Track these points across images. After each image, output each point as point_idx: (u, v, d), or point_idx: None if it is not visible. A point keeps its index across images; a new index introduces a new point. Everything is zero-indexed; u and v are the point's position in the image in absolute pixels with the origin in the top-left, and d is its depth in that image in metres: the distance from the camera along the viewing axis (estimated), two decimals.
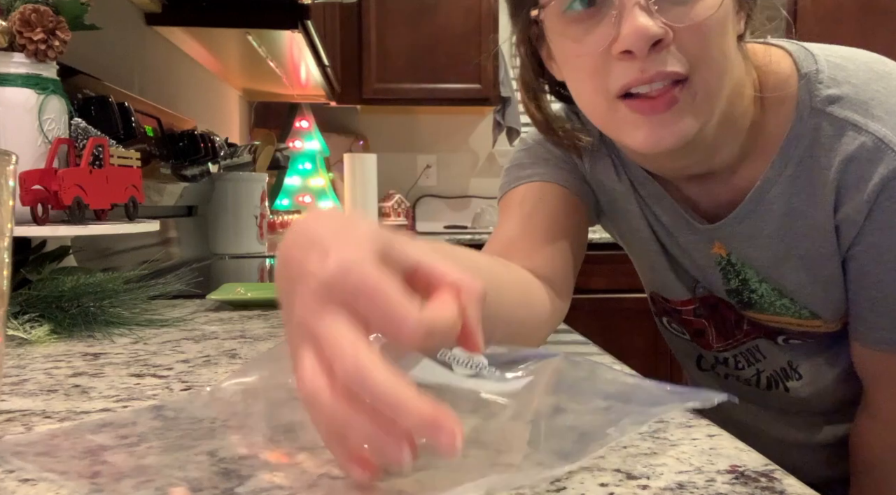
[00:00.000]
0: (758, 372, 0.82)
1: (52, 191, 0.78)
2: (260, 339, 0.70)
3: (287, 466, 0.34)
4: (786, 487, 0.33)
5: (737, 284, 0.75)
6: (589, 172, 0.78)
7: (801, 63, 0.66)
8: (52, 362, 0.59)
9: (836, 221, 0.66)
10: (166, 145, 1.53)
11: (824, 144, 0.65)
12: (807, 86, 0.65)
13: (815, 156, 0.65)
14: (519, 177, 0.76)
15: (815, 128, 0.65)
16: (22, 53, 0.79)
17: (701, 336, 0.84)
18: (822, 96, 0.64)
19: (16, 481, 0.33)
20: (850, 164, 0.63)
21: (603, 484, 0.33)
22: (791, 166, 0.66)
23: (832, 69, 0.65)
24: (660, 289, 0.84)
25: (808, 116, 0.65)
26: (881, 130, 0.62)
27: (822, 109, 0.64)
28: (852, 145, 0.63)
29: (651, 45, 0.56)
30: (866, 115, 0.63)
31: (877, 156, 0.62)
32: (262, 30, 1.79)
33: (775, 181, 0.67)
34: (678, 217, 0.74)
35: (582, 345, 0.69)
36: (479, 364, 0.45)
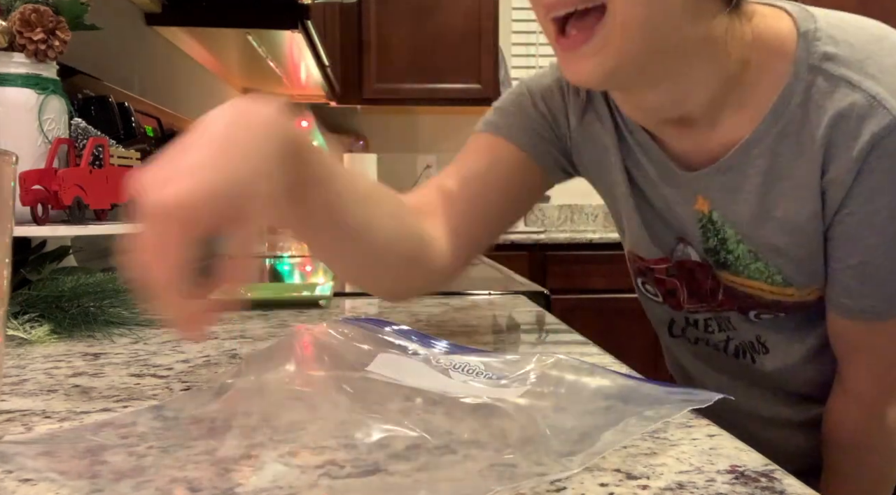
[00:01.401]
0: (728, 338, 0.82)
1: (52, 191, 0.78)
2: (260, 339, 0.70)
3: (287, 466, 0.34)
4: (786, 487, 0.33)
5: (715, 243, 0.75)
6: (575, 127, 0.80)
7: (800, 22, 0.66)
8: (52, 362, 0.59)
9: (823, 184, 0.65)
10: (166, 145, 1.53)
11: (816, 101, 0.64)
12: (805, 43, 0.65)
13: (806, 113, 0.65)
14: (495, 125, 0.81)
15: (809, 84, 0.65)
16: (22, 53, 0.79)
17: (672, 296, 0.84)
18: (820, 53, 0.64)
19: (16, 481, 0.33)
20: (840, 121, 0.63)
21: (603, 484, 0.33)
22: (781, 123, 0.66)
23: (830, 28, 0.65)
24: (635, 247, 0.84)
25: (803, 73, 0.65)
26: (874, 88, 0.62)
27: (819, 66, 0.64)
28: (844, 102, 0.63)
29: None
30: (861, 73, 0.63)
31: (868, 113, 0.62)
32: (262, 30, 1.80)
33: (762, 137, 0.67)
34: (663, 166, 0.75)
35: (582, 345, 0.69)
36: (476, 370, 0.45)
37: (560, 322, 0.82)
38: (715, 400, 0.42)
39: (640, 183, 0.78)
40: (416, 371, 0.44)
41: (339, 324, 0.50)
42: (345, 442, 0.37)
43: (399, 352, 0.48)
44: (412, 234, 0.68)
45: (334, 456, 0.35)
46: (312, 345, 0.47)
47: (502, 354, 0.50)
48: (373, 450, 0.36)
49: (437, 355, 0.47)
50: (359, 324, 0.50)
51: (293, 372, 0.44)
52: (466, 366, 0.45)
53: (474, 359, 0.47)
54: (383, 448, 0.36)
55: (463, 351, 0.50)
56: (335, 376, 0.42)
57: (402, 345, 0.49)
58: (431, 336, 0.52)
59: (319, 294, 0.92)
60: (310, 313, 0.85)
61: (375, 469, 0.34)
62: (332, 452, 0.36)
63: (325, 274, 1.37)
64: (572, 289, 2.84)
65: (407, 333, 0.51)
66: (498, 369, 0.45)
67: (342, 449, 0.36)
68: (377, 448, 0.36)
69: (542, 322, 0.83)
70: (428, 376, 0.44)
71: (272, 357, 0.45)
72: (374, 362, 0.45)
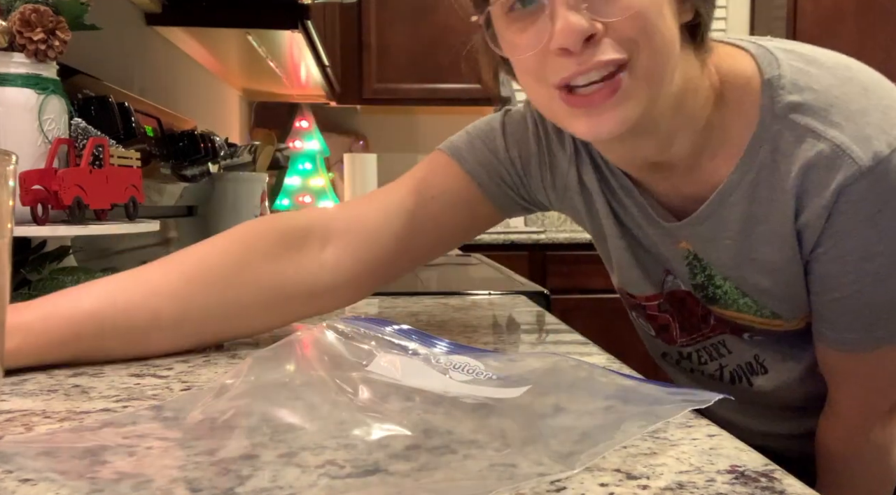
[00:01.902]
0: (721, 367, 0.83)
1: (52, 191, 0.78)
2: (260, 339, 0.70)
3: (287, 466, 0.34)
4: (786, 487, 0.33)
5: (702, 279, 0.76)
6: (552, 174, 0.80)
7: (763, 67, 0.67)
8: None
9: (798, 226, 0.67)
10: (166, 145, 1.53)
11: (784, 151, 0.65)
12: (769, 91, 0.66)
13: (775, 162, 0.66)
14: (460, 153, 0.79)
15: (776, 134, 0.65)
16: (22, 53, 0.79)
17: (665, 331, 0.85)
18: (784, 103, 0.65)
19: (16, 481, 0.33)
20: (809, 171, 0.64)
21: (603, 484, 0.33)
22: (752, 172, 0.67)
23: (794, 74, 0.66)
24: (625, 285, 0.85)
25: (769, 122, 0.66)
26: (839, 137, 0.63)
27: (784, 116, 0.65)
28: (811, 152, 0.64)
29: (584, 39, 0.58)
30: (825, 122, 0.63)
31: (835, 163, 0.63)
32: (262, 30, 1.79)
33: (737, 185, 0.68)
34: (645, 211, 0.76)
35: (582, 345, 0.69)
36: (475, 370, 0.45)
37: (560, 322, 0.82)
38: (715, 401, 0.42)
39: (626, 222, 0.79)
40: (416, 371, 0.45)
41: (339, 324, 0.50)
42: (345, 442, 0.37)
43: (399, 352, 0.48)
44: (268, 283, 0.69)
45: (334, 456, 0.35)
46: (312, 345, 0.47)
47: (502, 354, 0.50)
48: (373, 450, 0.36)
49: (437, 355, 0.47)
50: (359, 324, 0.50)
51: (293, 372, 0.44)
52: (466, 366, 0.45)
53: (474, 359, 0.47)
54: (383, 448, 0.36)
55: (463, 351, 0.50)
56: (335, 376, 0.42)
57: (403, 345, 0.49)
58: (432, 335, 0.52)
59: None
60: None
61: (375, 469, 0.34)
62: (332, 452, 0.36)
63: None
64: (572, 289, 2.84)
65: (407, 333, 0.51)
66: (498, 369, 0.45)
67: (342, 449, 0.36)
68: (377, 448, 0.36)
69: (542, 322, 0.83)
70: (428, 376, 0.44)
71: (272, 357, 0.45)
72: (374, 362, 0.45)
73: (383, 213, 0.77)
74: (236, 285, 0.67)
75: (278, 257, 0.70)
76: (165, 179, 1.55)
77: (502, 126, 0.80)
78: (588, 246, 0.83)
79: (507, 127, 0.80)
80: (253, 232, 0.73)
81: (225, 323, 0.67)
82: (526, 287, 1.12)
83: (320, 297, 0.73)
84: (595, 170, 0.78)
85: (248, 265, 0.69)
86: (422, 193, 0.78)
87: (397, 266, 0.78)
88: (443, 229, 0.79)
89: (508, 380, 0.43)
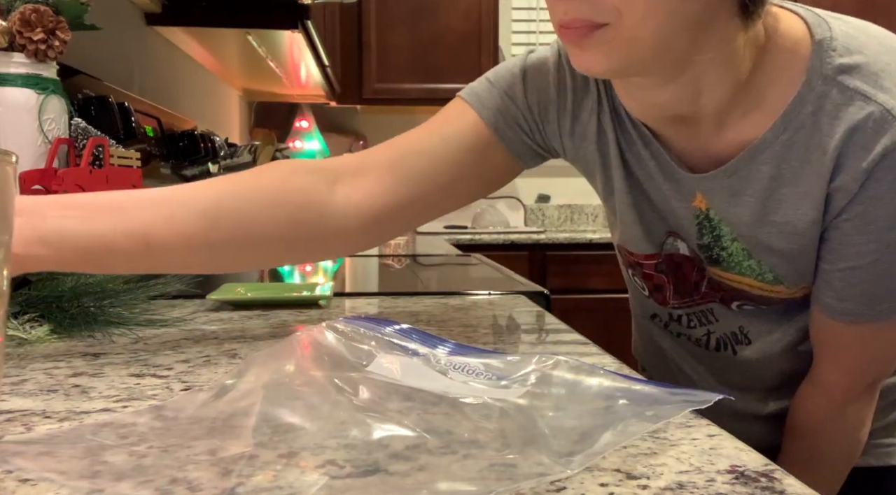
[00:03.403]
0: (708, 333, 0.84)
1: (52, 191, 0.78)
2: (260, 339, 0.70)
3: (287, 466, 0.34)
4: (786, 487, 0.33)
5: (709, 240, 0.76)
6: (570, 118, 0.80)
7: (814, 29, 0.67)
8: (52, 362, 0.59)
9: (830, 189, 0.66)
10: (166, 145, 1.53)
11: (829, 112, 0.65)
12: (819, 52, 0.66)
13: (817, 122, 0.66)
14: (479, 99, 0.80)
15: (821, 95, 0.65)
16: (22, 53, 0.79)
17: (659, 291, 0.85)
18: (835, 65, 0.65)
19: (16, 481, 0.33)
20: (854, 133, 0.64)
21: (603, 484, 0.33)
22: (790, 131, 0.67)
23: (845, 38, 0.66)
24: (626, 242, 0.85)
25: (816, 83, 0.66)
26: (889, 102, 0.63)
27: (833, 77, 0.65)
28: (860, 114, 0.64)
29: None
30: (876, 86, 0.64)
31: (882, 127, 0.63)
32: (262, 30, 1.80)
33: (770, 143, 0.68)
34: (664, 162, 0.75)
35: (582, 344, 0.69)
36: (476, 370, 0.45)
37: (560, 322, 0.82)
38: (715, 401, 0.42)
39: (638, 175, 0.78)
40: (416, 371, 0.45)
41: (339, 324, 0.50)
42: (345, 442, 0.37)
43: (399, 352, 0.48)
44: (286, 213, 0.72)
45: (334, 456, 0.35)
46: (312, 345, 0.47)
47: (502, 354, 0.50)
48: (373, 450, 0.36)
49: (437, 355, 0.47)
50: (359, 324, 0.50)
51: (293, 372, 0.44)
52: (466, 366, 0.45)
53: (474, 359, 0.47)
54: (383, 448, 0.36)
55: (463, 351, 0.50)
56: (335, 376, 0.42)
57: (403, 345, 0.49)
58: (432, 335, 0.52)
59: (319, 294, 0.92)
60: (310, 313, 0.85)
61: (375, 469, 0.34)
62: (332, 452, 0.36)
63: (325, 274, 1.37)
64: (572, 289, 2.85)
65: (407, 333, 0.51)
66: (498, 369, 0.45)
67: (342, 449, 0.36)
68: (377, 448, 0.36)
69: (542, 322, 0.83)
70: (428, 376, 0.44)
71: (272, 357, 0.45)
72: (374, 362, 0.45)
73: (397, 152, 0.78)
74: (267, 222, 0.71)
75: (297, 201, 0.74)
76: (165, 179, 1.55)
77: (522, 72, 0.80)
78: (588, 246, 0.84)
79: (527, 73, 0.80)
80: (277, 174, 0.76)
81: (248, 252, 0.72)
82: (526, 287, 1.12)
83: (333, 239, 0.76)
84: (615, 119, 0.78)
85: (280, 206, 0.72)
86: (435, 134, 0.79)
87: (413, 209, 0.78)
88: (457, 172, 0.79)
89: (508, 381, 0.43)
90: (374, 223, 0.76)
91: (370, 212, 0.76)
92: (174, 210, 0.67)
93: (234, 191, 0.71)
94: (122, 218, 0.65)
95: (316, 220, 0.73)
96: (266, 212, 0.71)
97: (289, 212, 0.72)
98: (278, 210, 0.72)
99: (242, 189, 0.72)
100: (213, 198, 0.70)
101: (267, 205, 0.71)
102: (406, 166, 0.77)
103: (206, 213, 0.68)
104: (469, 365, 0.46)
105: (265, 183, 0.74)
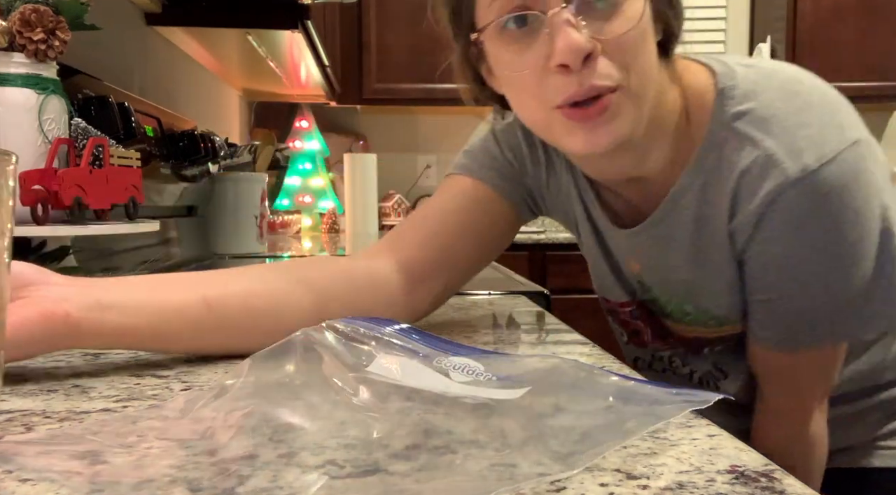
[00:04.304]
0: (691, 371, 0.88)
1: (52, 191, 0.78)
2: None
3: (287, 466, 0.34)
4: (786, 487, 0.33)
5: (652, 296, 0.82)
6: (541, 178, 0.84)
7: (719, 79, 0.71)
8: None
9: (731, 229, 0.71)
10: (166, 145, 1.53)
11: (727, 157, 0.69)
12: (720, 100, 0.70)
13: (720, 167, 0.70)
14: (468, 168, 0.83)
15: (722, 141, 0.69)
16: (22, 53, 0.79)
17: (637, 336, 0.90)
18: (732, 112, 0.69)
19: (16, 481, 0.33)
20: (744, 177, 0.68)
21: (603, 484, 0.33)
22: (703, 175, 0.71)
23: (746, 85, 0.70)
24: (600, 289, 0.90)
25: (718, 129, 0.70)
26: (773, 147, 0.66)
27: (730, 124, 0.69)
28: (748, 159, 0.67)
29: (583, 58, 0.61)
30: (763, 131, 0.67)
31: (766, 171, 0.66)
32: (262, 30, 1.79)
33: (689, 188, 0.72)
34: (607, 222, 0.81)
35: (582, 345, 0.69)
36: (476, 370, 0.45)
37: (560, 322, 0.82)
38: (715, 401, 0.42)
39: (600, 228, 0.84)
40: (416, 371, 0.44)
41: (338, 324, 0.50)
42: (345, 442, 0.37)
43: (399, 352, 0.48)
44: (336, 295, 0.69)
45: (334, 456, 0.35)
46: (312, 345, 0.47)
47: (503, 355, 0.50)
48: (373, 450, 0.36)
49: (437, 356, 0.47)
50: (359, 324, 0.50)
51: (293, 372, 0.44)
52: (466, 366, 0.45)
53: (474, 359, 0.47)
54: (383, 448, 0.36)
55: (463, 351, 0.50)
56: (335, 376, 0.42)
57: (403, 346, 0.49)
58: (432, 335, 0.52)
59: None
60: None
61: (375, 469, 0.34)
62: (332, 452, 0.36)
63: None
64: (572, 289, 2.84)
65: (407, 333, 0.51)
66: (498, 370, 0.45)
67: (342, 449, 0.36)
68: (377, 448, 0.36)
69: (542, 322, 0.83)
70: (428, 376, 0.44)
71: (272, 357, 0.45)
72: (374, 362, 0.45)
73: (416, 242, 0.78)
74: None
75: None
76: (165, 179, 1.55)
77: (493, 136, 0.85)
78: None
79: (497, 136, 0.85)
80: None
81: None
82: (526, 287, 1.12)
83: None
84: (573, 179, 0.83)
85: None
86: (443, 210, 0.81)
87: (446, 287, 0.79)
88: (472, 235, 0.80)
89: (509, 381, 0.43)
90: (422, 296, 0.77)
91: (426, 307, 0.78)
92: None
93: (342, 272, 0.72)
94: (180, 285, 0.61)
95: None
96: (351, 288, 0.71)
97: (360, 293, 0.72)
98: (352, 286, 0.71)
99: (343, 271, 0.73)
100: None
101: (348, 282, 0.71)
102: (442, 239, 0.78)
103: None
104: (469, 365, 0.45)
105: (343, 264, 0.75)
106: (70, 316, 0.51)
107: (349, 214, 2.63)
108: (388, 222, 3.16)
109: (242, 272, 0.67)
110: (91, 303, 0.53)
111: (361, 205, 2.63)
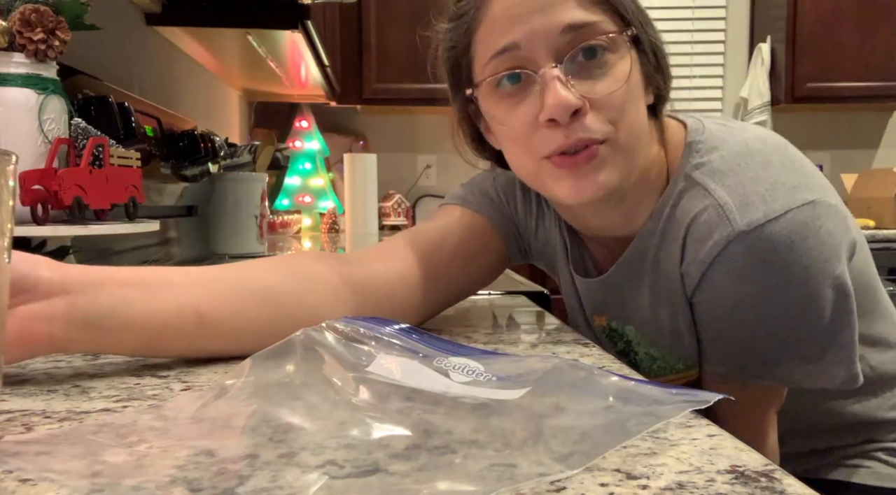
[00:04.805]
0: None
1: (52, 191, 0.78)
2: None
3: (287, 466, 0.34)
4: (786, 487, 0.33)
5: (623, 346, 0.84)
6: (532, 225, 0.88)
7: (690, 133, 0.74)
8: (52, 362, 0.59)
9: (681, 272, 0.73)
10: (166, 145, 1.53)
11: (682, 205, 0.72)
12: (686, 153, 0.73)
13: (674, 214, 0.73)
14: (465, 199, 0.86)
15: (681, 190, 0.72)
16: (22, 53, 0.79)
17: None
18: (693, 162, 0.72)
19: (16, 481, 0.33)
20: (693, 224, 0.70)
21: (603, 484, 0.33)
22: (662, 222, 0.74)
23: (712, 140, 0.72)
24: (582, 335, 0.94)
25: (679, 180, 0.73)
26: (724, 198, 0.68)
27: (689, 174, 0.72)
28: (698, 207, 0.70)
29: (571, 113, 0.64)
30: (718, 182, 0.69)
31: (714, 222, 0.68)
32: (262, 30, 1.79)
33: (652, 232, 0.75)
34: (581, 275, 0.85)
35: (582, 345, 0.69)
36: (475, 371, 0.45)
37: (560, 322, 0.82)
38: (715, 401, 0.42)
39: (576, 281, 0.87)
40: (415, 371, 0.44)
41: (338, 325, 0.50)
42: (345, 442, 0.37)
43: (399, 353, 0.48)
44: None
45: (334, 456, 0.35)
46: (312, 345, 0.47)
47: (502, 355, 0.50)
48: (373, 450, 0.36)
49: (437, 355, 0.47)
50: (359, 324, 0.50)
51: (293, 372, 0.44)
52: (466, 366, 0.45)
53: (474, 359, 0.47)
54: (383, 448, 0.36)
55: (463, 351, 0.50)
56: (335, 376, 0.42)
57: (403, 345, 0.49)
58: (432, 335, 0.52)
59: None
60: None
61: (375, 469, 0.34)
62: (332, 452, 0.36)
63: None
64: None
65: (407, 332, 0.51)
66: (498, 370, 0.45)
67: (342, 449, 0.36)
68: (377, 448, 0.36)
69: (542, 322, 0.83)
70: (428, 376, 0.44)
71: (272, 358, 0.45)
72: (374, 362, 0.45)
73: (409, 256, 0.77)
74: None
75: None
76: (165, 179, 1.55)
77: (492, 179, 0.89)
78: None
79: (496, 179, 0.88)
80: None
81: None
82: (526, 287, 1.12)
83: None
84: (559, 230, 0.87)
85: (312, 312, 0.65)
86: (438, 238, 0.81)
87: (432, 304, 0.79)
88: (463, 258, 0.81)
89: (509, 381, 0.43)
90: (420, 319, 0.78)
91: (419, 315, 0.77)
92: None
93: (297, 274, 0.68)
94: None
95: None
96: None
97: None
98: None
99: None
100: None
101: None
102: (438, 264, 0.78)
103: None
104: (469, 365, 0.45)
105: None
106: (54, 338, 0.50)
107: (349, 214, 2.64)
108: (388, 222, 3.16)
109: (241, 274, 0.64)
110: (79, 320, 0.51)
111: (361, 205, 2.63)
